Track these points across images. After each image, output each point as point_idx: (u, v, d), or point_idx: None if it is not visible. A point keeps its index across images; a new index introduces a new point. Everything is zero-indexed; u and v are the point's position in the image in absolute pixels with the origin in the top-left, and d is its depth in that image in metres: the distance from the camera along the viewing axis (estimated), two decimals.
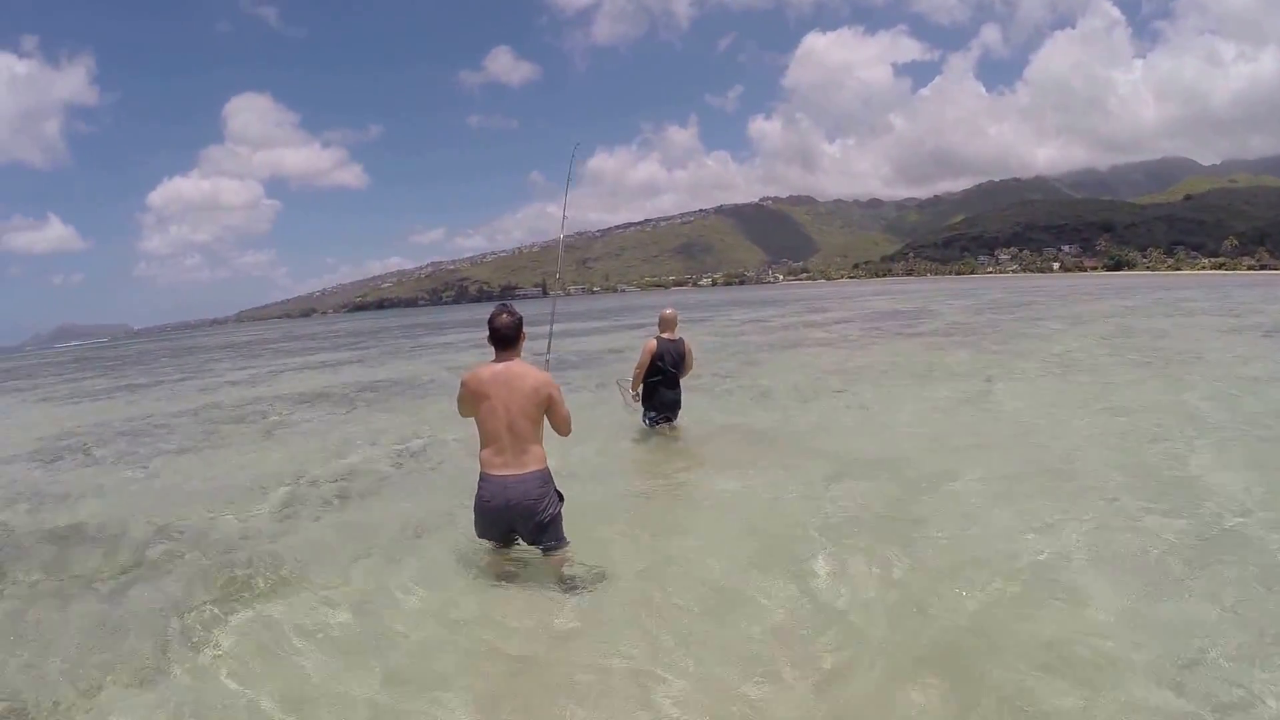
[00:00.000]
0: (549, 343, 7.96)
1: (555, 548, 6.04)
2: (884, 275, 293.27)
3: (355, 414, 17.25)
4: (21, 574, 7.76)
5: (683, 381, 11.49)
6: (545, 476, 5.92)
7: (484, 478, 5.89)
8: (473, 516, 6.13)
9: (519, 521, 5.92)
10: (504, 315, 5.86)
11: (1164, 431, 10.19)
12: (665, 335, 11.03)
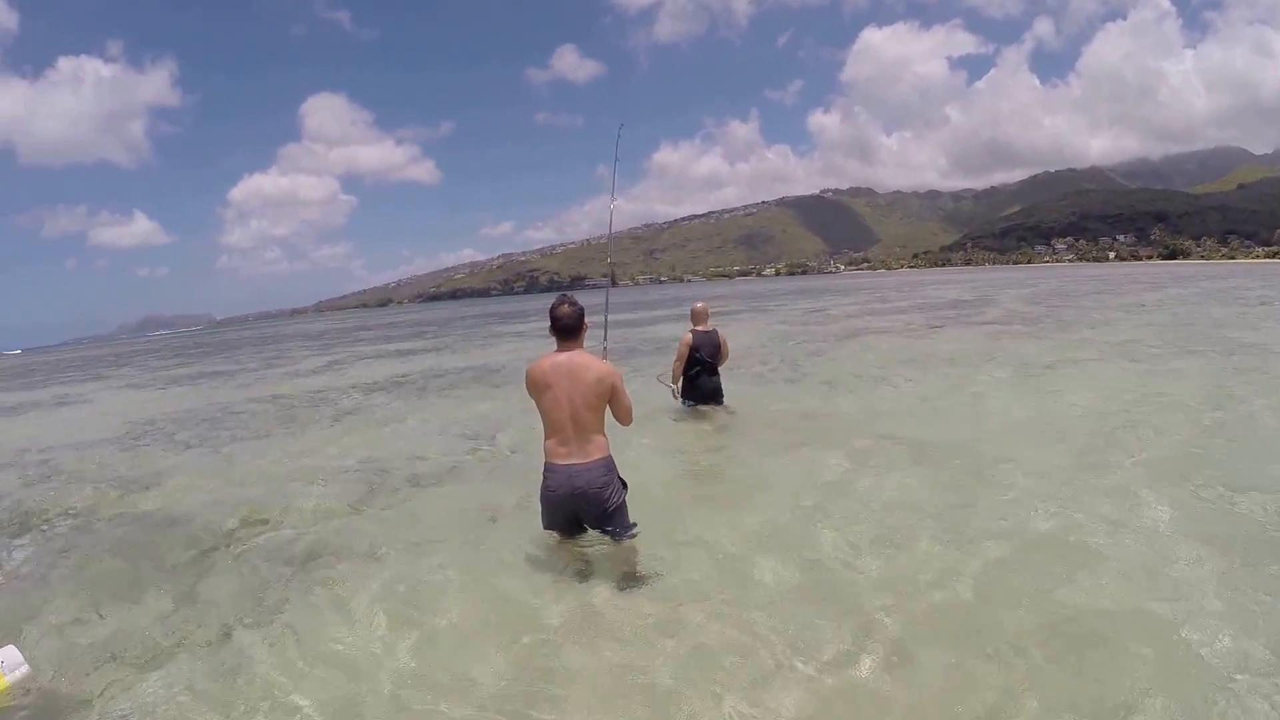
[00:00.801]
0: (605, 331, 7.86)
1: (623, 534, 5.97)
2: (943, 265, 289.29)
3: (428, 401, 17.27)
4: (102, 557, 7.88)
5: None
6: (609, 464, 5.85)
7: (549, 467, 5.82)
8: (539, 506, 6.07)
9: (585, 509, 5.86)
10: (565, 306, 5.77)
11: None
12: (699, 328, 11.24)
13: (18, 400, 28.06)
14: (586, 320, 5.84)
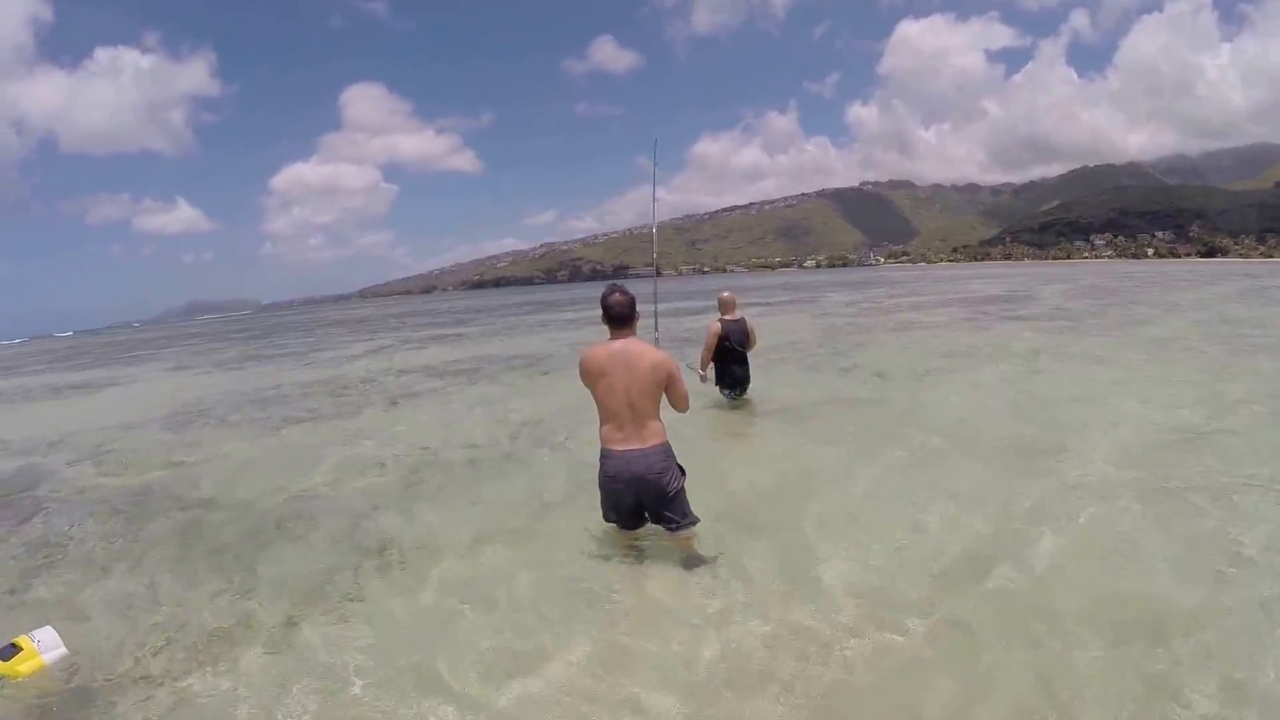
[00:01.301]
0: (655, 321, 7.86)
1: (682, 525, 5.90)
2: (982, 259, 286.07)
3: (478, 388, 17.28)
4: (154, 538, 7.82)
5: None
6: (667, 450, 5.80)
7: (607, 454, 5.78)
8: (599, 495, 6.03)
9: (645, 496, 5.79)
10: (617, 294, 5.76)
11: None
12: (727, 316, 11.43)
13: (69, 381, 28.06)
14: (638, 309, 5.84)
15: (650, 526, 6.09)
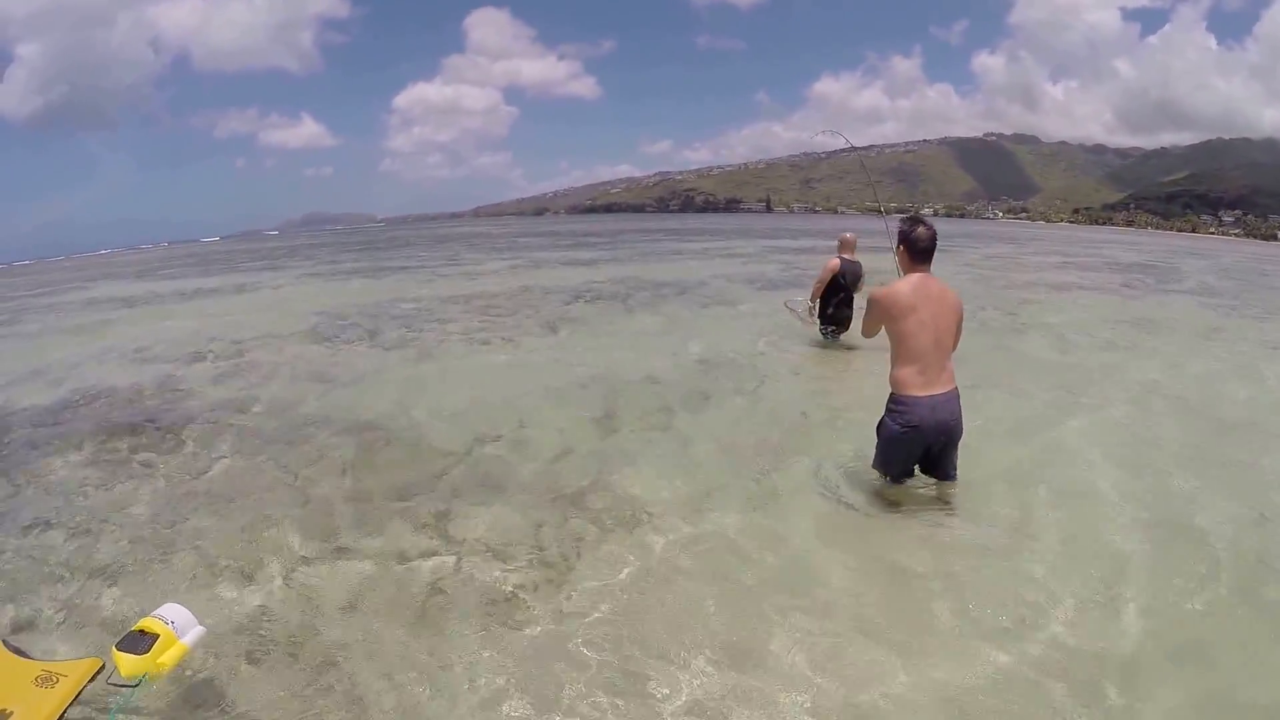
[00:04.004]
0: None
1: (955, 472, 5.79)
2: (1103, 223, 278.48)
3: (636, 317, 16.53)
4: (320, 477, 6.92)
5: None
6: (959, 394, 5.51)
7: (906, 400, 5.40)
8: (882, 445, 5.73)
9: (939, 443, 5.52)
10: (923, 227, 5.52)
11: None
12: (847, 256, 11.79)
13: (205, 286, 27.00)
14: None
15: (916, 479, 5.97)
